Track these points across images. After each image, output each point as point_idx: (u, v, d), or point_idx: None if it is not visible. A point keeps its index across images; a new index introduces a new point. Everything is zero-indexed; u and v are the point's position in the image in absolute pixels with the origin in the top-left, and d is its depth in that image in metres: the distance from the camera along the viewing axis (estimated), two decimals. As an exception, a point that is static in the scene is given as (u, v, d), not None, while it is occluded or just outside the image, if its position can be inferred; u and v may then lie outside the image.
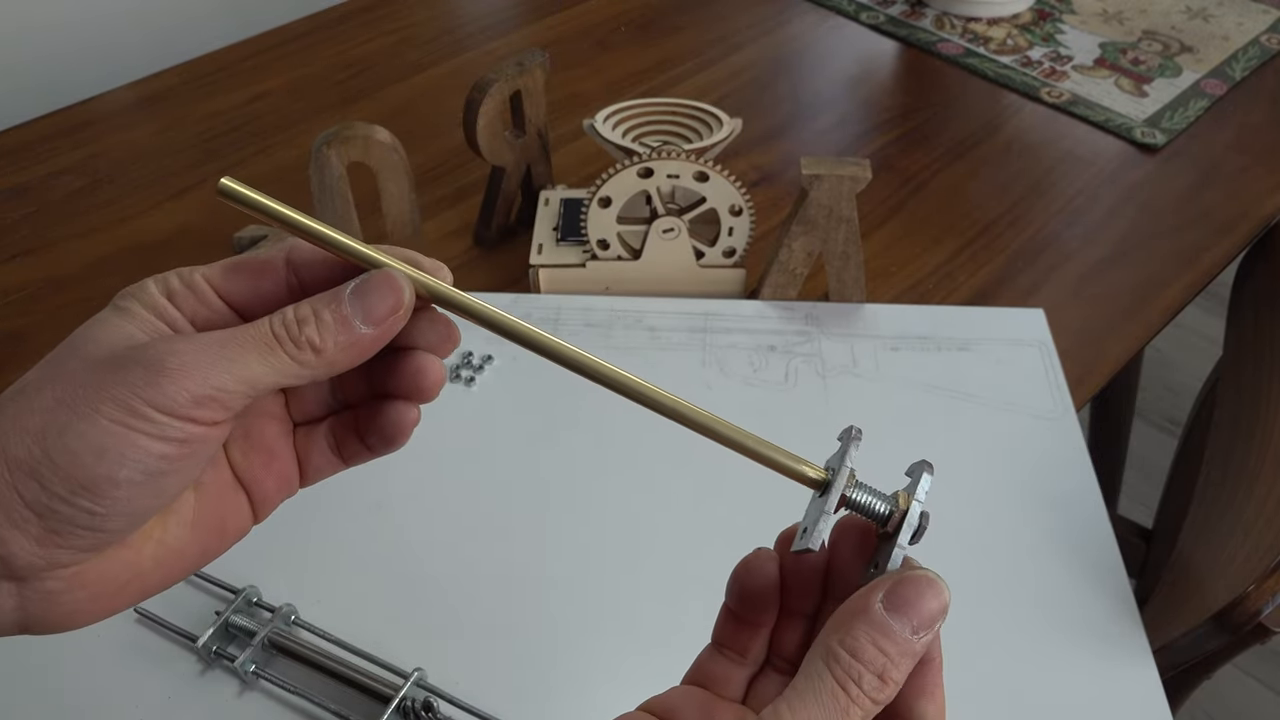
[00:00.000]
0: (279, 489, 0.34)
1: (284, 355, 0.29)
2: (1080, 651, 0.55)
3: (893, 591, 0.29)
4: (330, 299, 0.30)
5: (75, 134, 0.92)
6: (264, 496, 0.34)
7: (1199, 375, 1.06)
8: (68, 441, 0.27)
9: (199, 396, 0.27)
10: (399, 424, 0.34)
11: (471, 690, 0.53)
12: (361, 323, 0.30)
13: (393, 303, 0.30)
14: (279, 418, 0.34)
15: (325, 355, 0.29)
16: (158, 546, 0.30)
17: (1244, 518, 0.72)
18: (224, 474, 0.33)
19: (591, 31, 1.08)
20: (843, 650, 0.28)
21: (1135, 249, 0.81)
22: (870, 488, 0.32)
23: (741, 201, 0.71)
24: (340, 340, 0.30)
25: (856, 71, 1.03)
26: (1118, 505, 1.30)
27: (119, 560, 0.29)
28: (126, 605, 0.30)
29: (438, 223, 0.84)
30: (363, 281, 0.30)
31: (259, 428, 0.33)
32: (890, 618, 0.28)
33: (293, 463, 0.34)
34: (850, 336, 0.72)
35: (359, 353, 0.30)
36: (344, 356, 0.30)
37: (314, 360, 0.29)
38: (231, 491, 0.33)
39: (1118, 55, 1.04)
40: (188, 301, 0.31)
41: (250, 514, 0.34)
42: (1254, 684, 1.39)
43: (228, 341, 0.29)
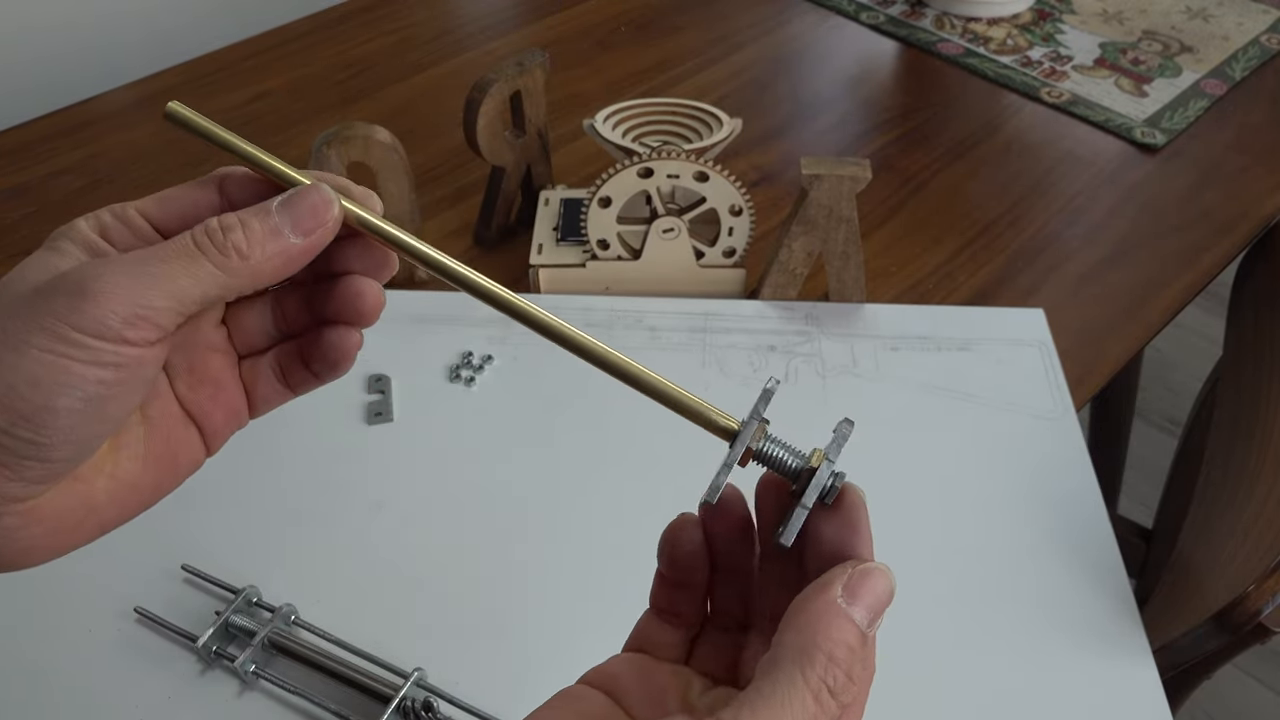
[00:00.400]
0: (228, 421, 0.34)
1: (209, 265, 0.28)
2: (1080, 651, 0.55)
3: (850, 585, 0.29)
4: (258, 210, 0.30)
5: (75, 134, 0.92)
6: (214, 429, 0.34)
7: (1199, 375, 1.06)
8: (2, 373, 0.26)
9: (127, 317, 0.27)
10: (341, 348, 0.34)
11: (471, 690, 0.53)
12: (290, 232, 0.30)
13: (321, 214, 0.30)
14: (222, 350, 0.34)
15: (251, 262, 0.29)
16: (110, 480, 0.30)
17: (1244, 518, 0.72)
18: (171, 407, 0.33)
19: (591, 31, 1.08)
20: (818, 651, 0.27)
21: (1135, 249, 0.81)
22: (784, 443, 0.31)
23: (741, 201, 0.71)
24: (269, 249, 0.29)
25: (856, 71, 1.03)
26: (1118, 505, 1.30)
27: (72, 494, 0.29)
28: (85, 540, 0.30)
29: (438, 223, 0.84)
30: (291, 194, 0.30)
31: (203, 360, 0.33)
32: (852, 610, 0.28)
33: (240, 394, 0.35)
34: (850, 336, 0.72)
35: (287, 263, 0.30)
36: (271, 266, 0.29)
37: (240, 267, 0.29)
38: (181, 425, 0.33)
39: (1118, 55, 1.04)
40: (122, 235, 0.31)
41: (202, 447, 0.34)
42: (1254, 684, 1.39)
43: (149, 258, 0.28)
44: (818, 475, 0.30)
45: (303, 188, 0.31)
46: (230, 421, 0.35)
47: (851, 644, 0.28)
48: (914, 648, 0.56)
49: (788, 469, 0.31)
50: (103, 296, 0.27)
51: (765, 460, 0.31)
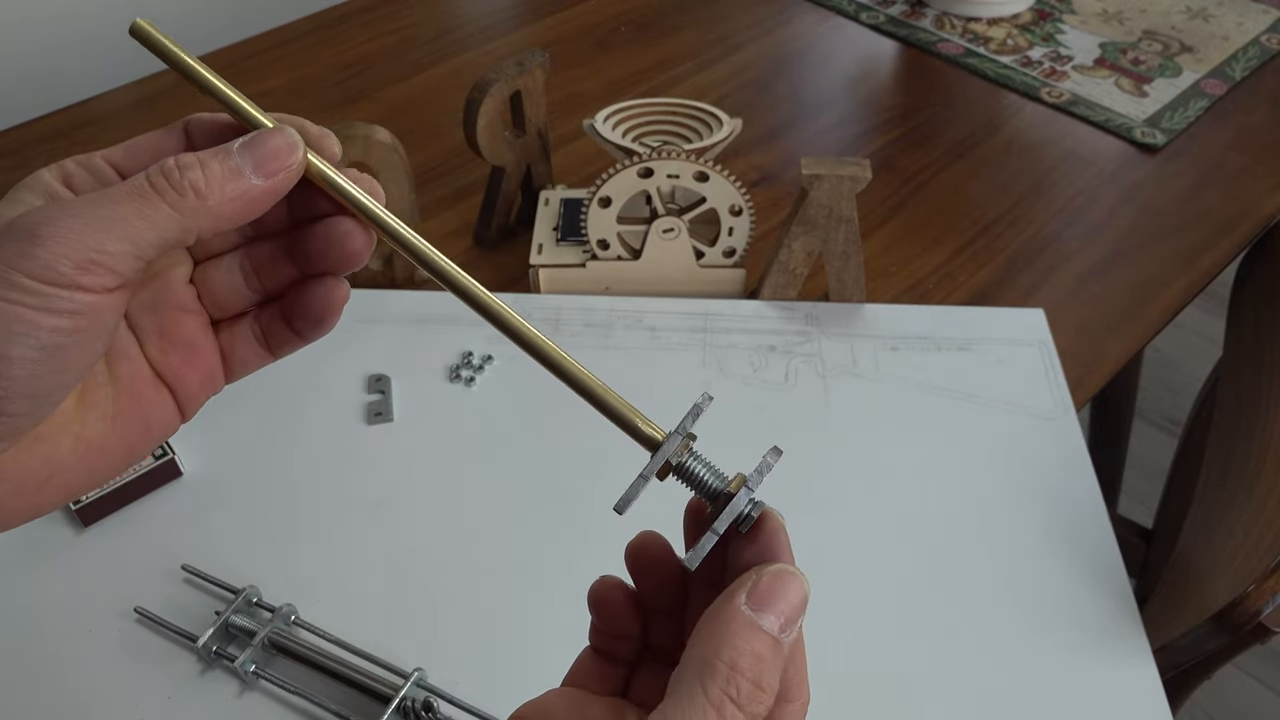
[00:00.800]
0: (203, 385, 0.33)
1: (165, 206, 0.27)
2: (1080, 651, 0.55)
3: (755, 590, 0.27)
4: (218, 150, 0.29)
5: (75, 134, 0.92)
6: (188, 393, 0.33)
7: (1199, 375, 1.06)
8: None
9: (80, 261, 0.26)
10: (327, 301, 0.33)
11: (471, 690, 0.53)
12: (251, 174, 0.29)
13: (284, 157, 0.29)
14: (194, 311, 0.33)
15: (210, 203, 0.28)
16: (77, 440, 0.29)
17: (1244, 518, 0.72)
18: (142, 369, 0.32)
19: (591, 31, 1.08)
20: (719, 661, 0.26)
21: (1135, 249, 0.81)
22: (708, 462, 0.30)
23: (741, 201, 0.71)
24: (228, 190, 0.28)
25: (856, 71, 1.03)
26: (1118, 505, 1.30)
27: (35, 454, 0.28)
28: (53, 503, 0.29)
29: (438, 223, 0.84)
30: (254, 135, 0.29)
31: (174, 322, 0.32)
32: (758, 617, 0.27)
33: (215, 358, 0.33)
34: (850, 336, 0.72)
35: (247, 205, 0.29)
36: (231, 208, 0.28)
37: (198, 207, 0.28)
38: (152, 388, 0.32)
39: (1118, 55, 1.04)
40: (85, 183, 0.30)
41: (176, 411, 0.33)
42: (1254, 684, 1.39)
43: (101, 200, 0.27)
44: (734, 501, 0.29)
45: (266, 130, 0.30)
46: (205, 385, 0.33)
47: (759, 652, 0.26)
48: (914, 647, 0.56)
49: (706, 489, 0.30)
50: (53, 240, 0.26)
51: (685, 477, 0.30)
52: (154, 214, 0.27)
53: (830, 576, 0.59)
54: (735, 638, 0.26)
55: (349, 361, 0.70)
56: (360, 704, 0.52)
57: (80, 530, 0.60)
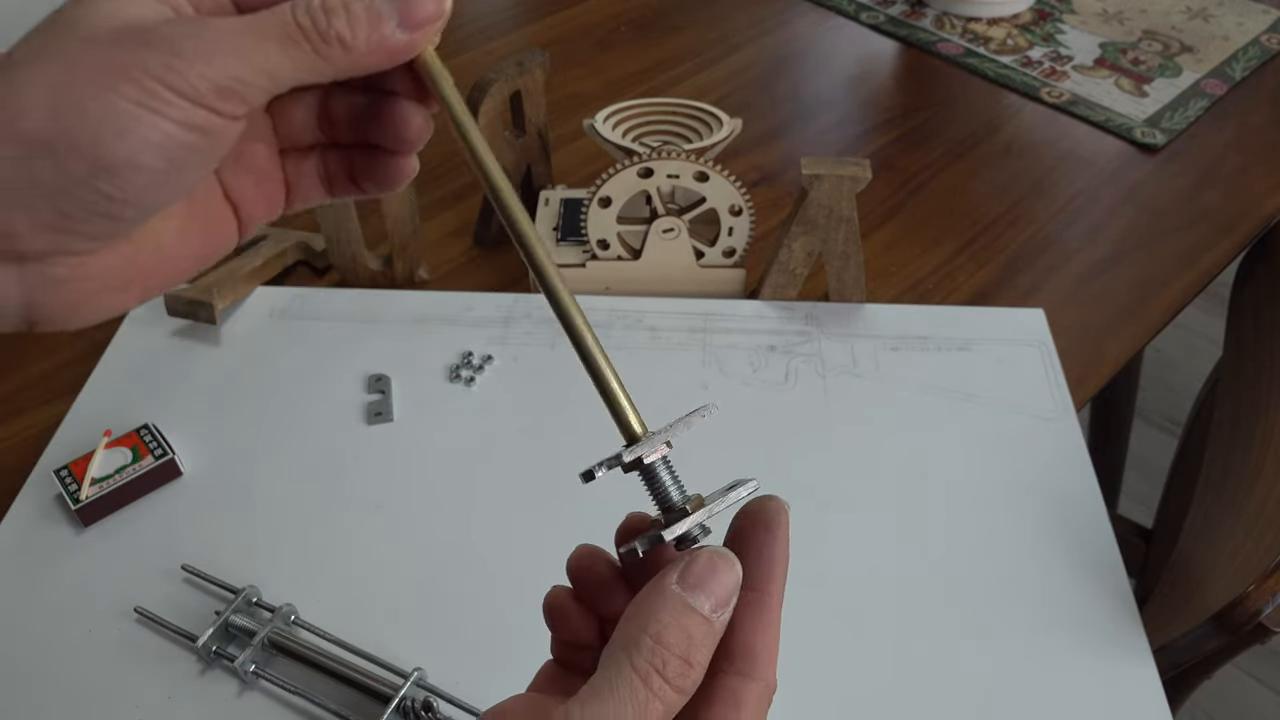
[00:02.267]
0: (265, 210, 0.33)
1: (308, 49, 0.27)
2: (1080, 651, 0.55)
3: (686, 570, 0.28)
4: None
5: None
6: (250, 214, 0.33)
7: (1199, 375, 1.06)
8: (87, 119, 0.25)
9: (219, 85, 0.26)
10: (399, 172, 0.33)
11: (471, 690, 0.53)
12: (397, 25, 0.28)
13: (433, 8, 0.29)
14: (267, 140, 0.33)
15: (353, 54, 0.28)
16: (156, 247, 0.30)
17: (1244, 518, 0.72)
18: (215, 188, 0.32)
19: (591, 31, 1.08)
20: (645, 635, 0.26)
21: (1135, 249, 0.81)
22: (675, 473, 0.30)
23: (741, 201, 0.71)
24: (371, 38, 0.28)
25: (856, 71, 1.03)
26: (1118, 505, 1.30)
27: (123, 255, 0.29)
28: (128, 304, 0.30)
29: (438, 223, 0.84)
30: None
31: (249, 148, 0.32)
32: (688, 595, 0.27)
33: (280, 186, 0.34)
34: (850, 336, 0.72)
35: (387, 56, 0.28)
36: (371, 59, 0.28)
37: (340, 57, 0.28)
38: (220, 205, 0.32)
39: (1118, 55, 1.04)
40: None
41: (235, 230, 0.33)
42: (1254, 684, 1.39)
43: (245, 29, 0.27)
44: (690, 520, 0.29)
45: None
46: (267, 210, 0.34)
47: (687, 628, 0.27)
48: (914, 647, 0.56)
49: (664, 496, 0.30)
50: (198, 59, 0.26)
51: (648, 478, 0.30)
52: (296, 54, 0.27)
53: (830, 576, 0.59)
54: (663, 613, 0.27)
55: (349, 361, 0.70)
56: (360, 704, 0.52)
57: (80, 530, 0.60)
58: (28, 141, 0.25)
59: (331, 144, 0.34)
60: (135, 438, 0.63)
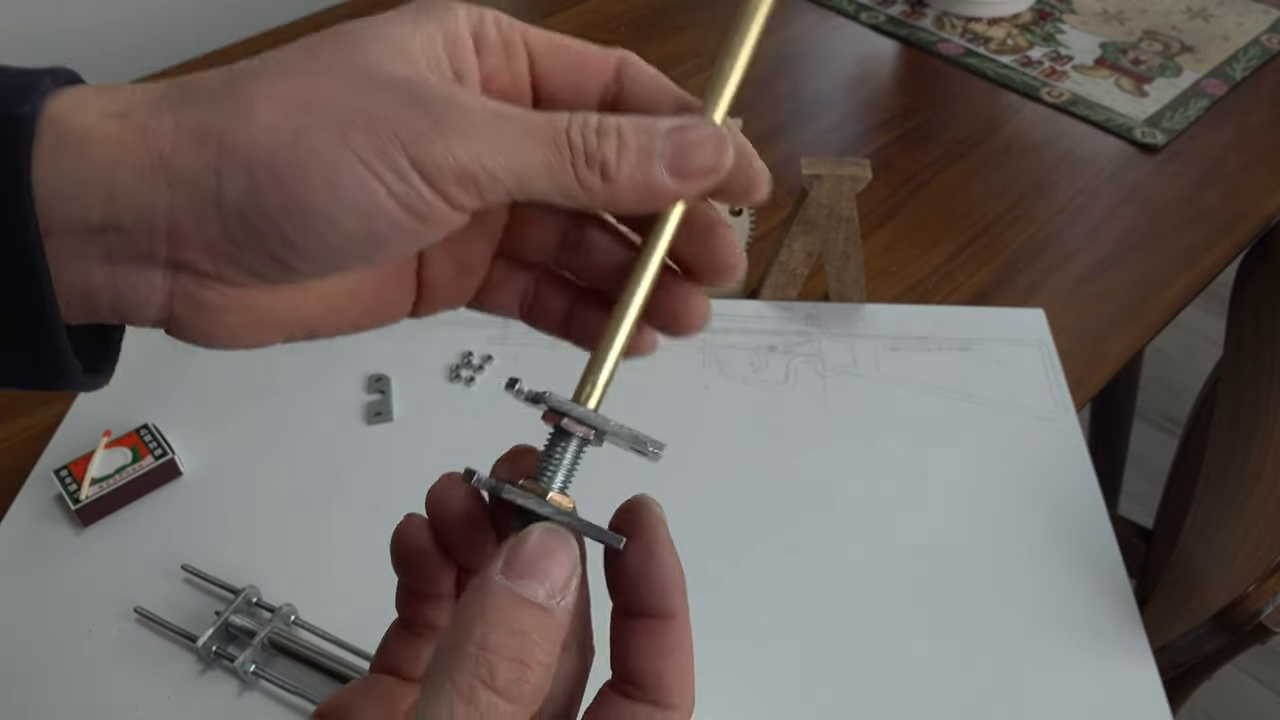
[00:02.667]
0: (451, 300, 0.30)
1: (568, 163, 0.24)
2: (1080, 651, 0.55)
3: (513, 555, 0.23)
4: (641, 124, 0.25)
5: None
6: (432, 298, 0.30)
7: (1199, 375, 1.06)
8: (302, 155, 0.23)
9: (463, 173, 0.23)
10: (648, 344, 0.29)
11: (471, 690, 0.53)
12: (666, 169, 0.25)
13: (711, 160, 0.26)
14: (490, 237, 0.30)
15: (612, 185, 0.25)
16: (321, 301, 0.27)
17: (1244, 518, 0.72)
18: (409, 261, 0.29)
19: (591, 31, 1.08)
20: (468, 644, 0.22)
21: (1135, 249, 0.81)
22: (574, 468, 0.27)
23: (741, 201, 0.71)
24: (635, 175, 0.25)
25: (856, 71, 1.03)
26: (1118, 505, 1.30)
27: (286, 298, 0.26)
28: (269, 342, 0.27)
29: (438, 223, 0.83)
30: (685, 123, 0.26)
31: (469, 239, 0.29)
32: (517, 585, 0.23)
33: (476, 284, 0.30)
34: (850, 336, 0.72)
35: (646, 197, 0.25)
36: (629, 196, 0.25)
37: (597, 185, 0.25)
38: (407, 279, 0.29)
39: (1118, 55, 1.04)
40: (493, 58, 0.26)
41: (411, 307, 0.30)
42: (1255, 684, 1.39)
43: (514, 119, 0.24)
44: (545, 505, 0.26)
45: (701, 123, 0.26)
46: (452, 301, 0.30)
47: (518, 623, 0.22)
48: (914, 647, 0.56)
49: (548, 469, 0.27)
50: (454, 136, 0.23)
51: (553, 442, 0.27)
52: (554, 166, 0.24)
53: (830, 577, 0.59)
54: (489, 613, 0.22)
55: (349, 361, 0.70)
56: (360, 704, 0.52)
57: (80, 530, 0.60)
58: (226, 153, 0.23)
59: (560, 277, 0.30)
60: (135, 438, 0.63)
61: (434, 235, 0.24)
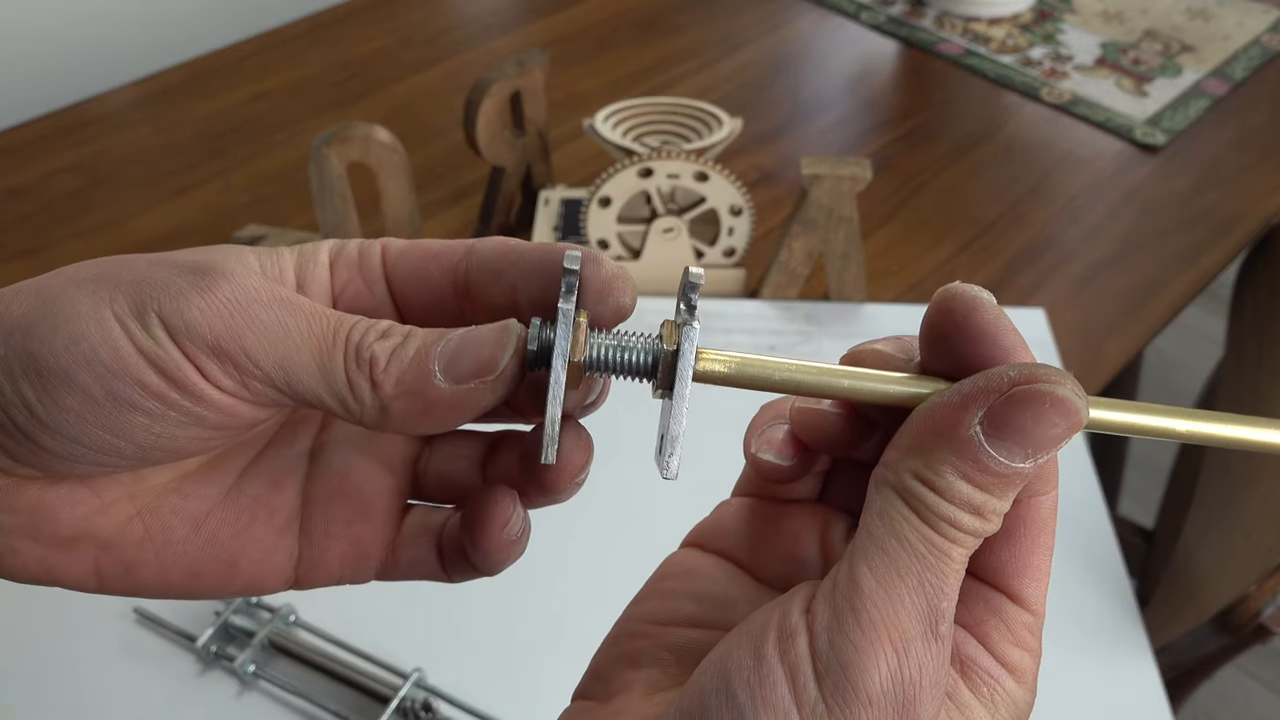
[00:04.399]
0: (344, 562, 0.25)
1: (339, 364, 0.22)
2: (1080, 651, 0.55)
3: (999, 414, 0.21)
4: (436, 332, 0.22)
5: (75, 134, 0.92)
6: (318, 560, 0.25)
7: (1199, 375, 1.06)
8: (56, 310, 0.21)
9: (218, 345, 0.21)
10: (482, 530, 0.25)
11: (471, 690, 0.53)
12: (440, 371, 0.22)
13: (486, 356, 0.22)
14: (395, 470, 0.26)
15: (381, 392, 0.22)
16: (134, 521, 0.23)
17: (1244, 518, 0.72)
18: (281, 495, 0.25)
19: (592, 31, 1.08)
20: (925, 489, 0.21)
21: (1136, 249, 0.81)
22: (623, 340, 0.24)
23: (742, 201, 0.71)
24: (404, 378, 0.22)
25: (856, 71, 1.03)
26: (1118, 505, 1.30)
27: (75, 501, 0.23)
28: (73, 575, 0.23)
29: (438, 223, 0.83)
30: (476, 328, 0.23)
31: (363, 465, 0.26)
32: (993, 446, 0.21)
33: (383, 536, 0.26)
34: (850, 336, 0.72)
35: (421, 411, 0.22)
36: (402, 406, 0.22)
37: (365, 391, 0.22)
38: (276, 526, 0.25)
39: (1118, 55, 1.04)
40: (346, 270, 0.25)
41: (286, 572, 0.25)
42: (1255, 684, 1.39)
43: (299, 312, 0.22)
44: None
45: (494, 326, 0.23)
46: (346, 565, 0.26)
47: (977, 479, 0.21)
48: (914, 648, 0.55)
49: None
50: (217, 306, 0.21)
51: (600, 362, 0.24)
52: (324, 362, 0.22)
53: (830, 577, 0.59)
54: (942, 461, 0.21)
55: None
56: (360, 704, 0.52)
57: (80, 530, 0.60)
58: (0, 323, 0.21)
59: None
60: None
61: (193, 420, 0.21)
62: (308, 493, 0.25)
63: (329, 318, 0.22)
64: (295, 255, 0.24)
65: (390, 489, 0.26)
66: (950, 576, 0.21)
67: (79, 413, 0.21)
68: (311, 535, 0.25)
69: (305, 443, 0.26)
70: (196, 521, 0.24)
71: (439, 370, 0.22)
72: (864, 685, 0.19)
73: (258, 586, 0.25)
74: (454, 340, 0.22)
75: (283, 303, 0.22)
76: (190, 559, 0.24)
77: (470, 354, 0.22)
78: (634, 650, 0.26)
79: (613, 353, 0.24)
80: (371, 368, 0.22)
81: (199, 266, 0.22)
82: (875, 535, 0.21)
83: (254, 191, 0.85)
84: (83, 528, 0.23)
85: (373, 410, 0.22)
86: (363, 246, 0.25)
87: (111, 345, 0.21)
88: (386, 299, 0.25)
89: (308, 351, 0.22)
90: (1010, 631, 0.24)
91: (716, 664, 0.21)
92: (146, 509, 0.24)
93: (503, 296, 0.24)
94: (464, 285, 0.24)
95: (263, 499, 0.25)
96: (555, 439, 0.22)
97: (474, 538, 0.25)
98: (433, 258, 0.25)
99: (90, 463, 0.22)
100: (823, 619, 0.20)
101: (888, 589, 0.20)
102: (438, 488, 0.27)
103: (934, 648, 0.20)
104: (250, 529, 0.25)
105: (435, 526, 0.26)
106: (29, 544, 0.23)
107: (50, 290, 0.21)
